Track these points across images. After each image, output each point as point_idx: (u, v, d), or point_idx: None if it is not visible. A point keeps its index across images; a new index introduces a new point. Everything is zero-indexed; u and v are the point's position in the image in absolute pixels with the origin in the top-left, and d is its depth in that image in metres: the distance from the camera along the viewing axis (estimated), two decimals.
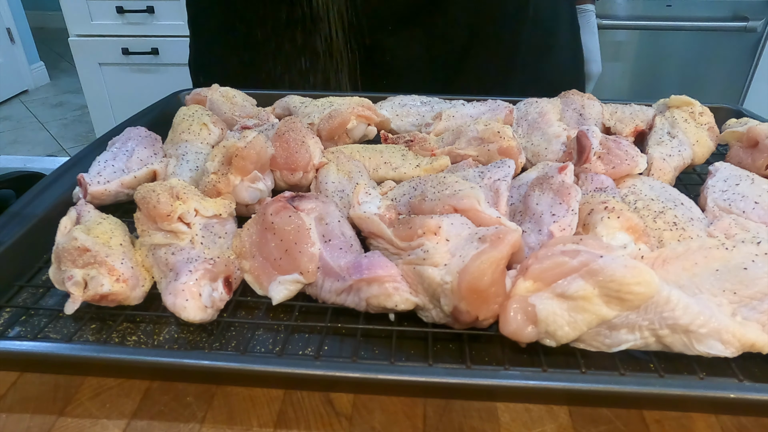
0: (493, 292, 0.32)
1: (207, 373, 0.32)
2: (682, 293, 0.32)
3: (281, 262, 0.37)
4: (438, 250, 0.34)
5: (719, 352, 0.31)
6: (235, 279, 0.38)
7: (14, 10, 2.93)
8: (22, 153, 2.51)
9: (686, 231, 0.39)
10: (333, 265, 0.36)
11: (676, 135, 0.52)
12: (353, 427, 0.30)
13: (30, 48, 3.10)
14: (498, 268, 0.32)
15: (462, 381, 0.31)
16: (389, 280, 0.34)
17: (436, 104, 0.61)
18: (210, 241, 0.39)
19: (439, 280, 0.33)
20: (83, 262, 0.36)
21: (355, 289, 0.35)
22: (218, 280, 0.36)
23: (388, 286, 0.34)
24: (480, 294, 0.32)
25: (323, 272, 0.36)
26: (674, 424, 0.31)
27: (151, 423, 0.31)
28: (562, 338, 0.32)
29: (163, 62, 2.02)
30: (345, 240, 0.38)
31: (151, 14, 1.93)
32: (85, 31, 1.97)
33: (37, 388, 0.33)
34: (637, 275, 0.30)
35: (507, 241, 0.33)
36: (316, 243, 0.37)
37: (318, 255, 0.37)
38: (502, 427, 0.30)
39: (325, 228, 0.39)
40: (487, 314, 0.33)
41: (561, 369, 0.32)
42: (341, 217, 0.40)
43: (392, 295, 0.34)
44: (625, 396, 0.30)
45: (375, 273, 0.35)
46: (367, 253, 0.37)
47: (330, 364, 0.32)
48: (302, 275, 0.36)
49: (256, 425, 0.30)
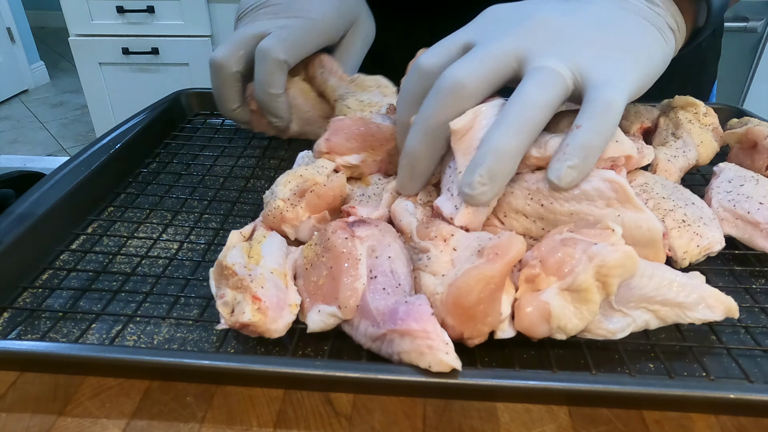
0: (480, 310, 0.31)
1: (207, 373, 0.32)
2: (665, 268, 0.34)
3: (322, 287, 0.34)
4: (439, 259, 0.33)
5: (710, 317, 0.33)
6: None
7: (14, 9, 2.93)
8: (22, 153, 2.51)
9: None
10: (371, 306, 0.32)
11: (680, 136, 0.51)
12: (353, 427, 0.30)
13: (30, 48, 3.10)
14: (488, 286, 0.30)
15: (462, 381, 0.31)
16: (423, 336, 0.30)
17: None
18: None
19: (432, 289, 0.32)
20: (233, 284, 0.33)
21: (388, 340, 0.31)
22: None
23: (420, 343, 0.30)
24: (466, 311, 0.31)
25: (360, 312, 0.32)
26: (674, 424, 0.31)
27: (151, 423, 0.31)
28: (572, 330, 0.32)
29: (163, 62, 2.02)
30: (392, 279, 0.33)
31: (152, 14, 1.93)
32: (85, 30, 1.97)
33: (37, 387, 0.33)
34: (623, 257, 0.31)
35: (505, 259, 0.31)
36: (362, 277, 0.33)
37: (361, 291, 0.33)
38: (502, 427, 0.30)
39: (373, 262, 0.34)
40: (473, 333, 0.31)
41: (561, 369, 0.32)
42: (398, 252, 0.35)
43: (425, 354, 0.30)
44: (625, 396, 0.30)
45: (408, 326, 0.30)
46: (411, 298, 0.32)
47: (330, 364, 0.32)
48: (340, 310, 0.33)
49: (255, 425, 0.30)
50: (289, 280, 0.35)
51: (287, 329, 0.33)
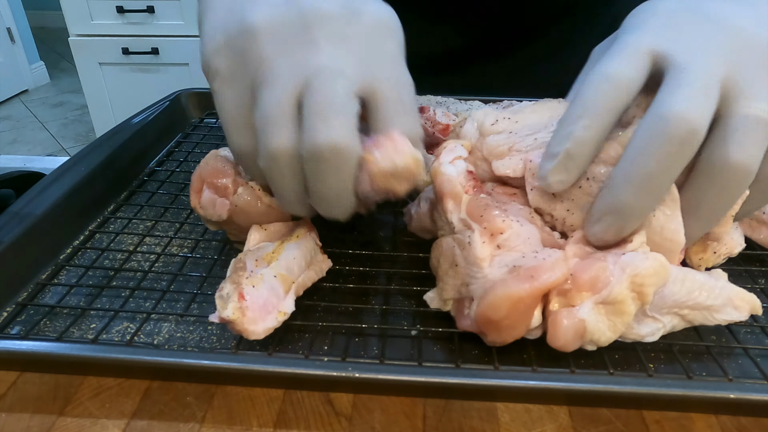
0: (507, 324, 0.31)
1: (207, 372, 0.32)
2: (692, 271, 0.33)
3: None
4: (479, 250, 0.32)
5: (737, 317, 0.33)
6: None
7: (14, 9, 2.93)
8: (22, 153, 2.51)
9: None
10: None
11: None
12: (353, 427, 0.30)
13: (30, 48, 3.10)
14: (517, 306, 0.30)
15: (462, 381, 0.31)
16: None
17: (451, 105, 0.59)
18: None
19: (464, 281, 0.32)
20: (233, 278, 0.33)
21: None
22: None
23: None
24: (493, 323, 0.31)
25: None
26: (674, 424, 0.31)
27: (151, 423, 0.31)
28: (604, 343, 0.32)
29: (163, 62, 2.02)
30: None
31: (151, 14, 1.93)
32: (85, 30, 1.97)
33: (37, 387, 0.33)
34: (656, 264, 0.30)
35: (539, 281, 0.30)
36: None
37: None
38: (502, 427, 0.30)
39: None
40: (496, 339, 0.32)
41: (561, 369, 0.32)
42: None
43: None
44: (625, 396, 0.30)
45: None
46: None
47: (330, 364, 0.32)
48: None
49: (255, 425, 0.30)
50: (292, 289, 0.34)
51: (267, 334, 0.32)
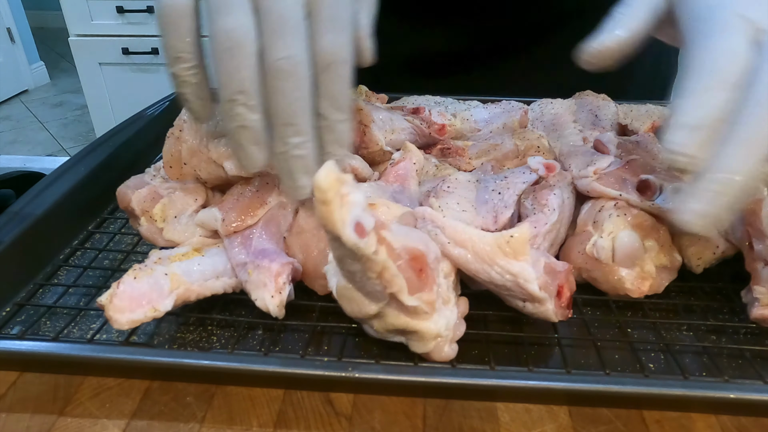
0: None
1: (207, 372, 0.32)
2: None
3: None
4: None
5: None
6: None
7: (14, 9, 2.93)
8: (22, 153, 2.51)
9: None
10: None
11: None
12: (353, 427, 0.30)
13: (30, 48, 3.10)
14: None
15: (462, 381, 0.31)
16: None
17: (449, 105, 0.59)
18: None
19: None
20: (132, 268, 0.33)
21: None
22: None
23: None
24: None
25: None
26: (674, 424, 0.31)
27: (151, 423, 0.31)
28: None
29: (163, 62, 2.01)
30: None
31: (151, 14, 1.93)
32: (85, 30, 1.97)
33: (37, 387, 0.33)
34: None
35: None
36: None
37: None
38: (502, 427, 0.30)
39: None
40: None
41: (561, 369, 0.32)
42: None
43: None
44: (625, 396, 0.30)
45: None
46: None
47: (330, 364, 0.32)
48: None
49: (255, 425, 0.30)
50: (179, 292, 0.34)
51: (132, 326, 0.32)
